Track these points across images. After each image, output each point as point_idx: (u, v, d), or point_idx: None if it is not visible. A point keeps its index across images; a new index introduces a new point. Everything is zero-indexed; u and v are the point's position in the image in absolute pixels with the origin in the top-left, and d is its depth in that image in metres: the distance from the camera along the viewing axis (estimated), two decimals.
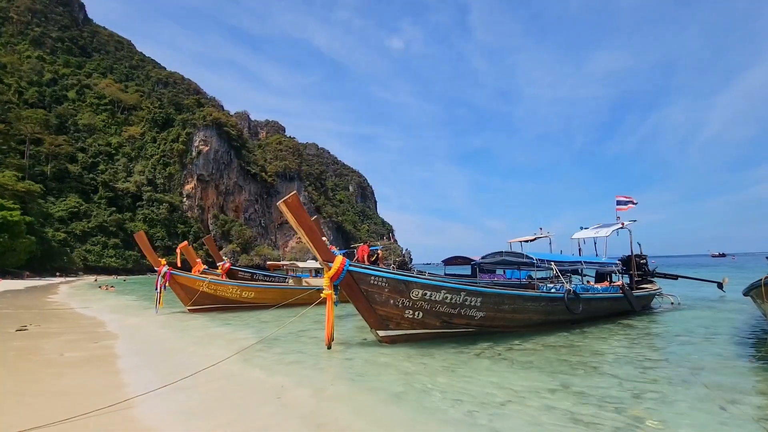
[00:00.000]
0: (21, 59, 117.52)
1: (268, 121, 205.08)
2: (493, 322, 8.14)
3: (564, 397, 4.73)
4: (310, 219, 6.67)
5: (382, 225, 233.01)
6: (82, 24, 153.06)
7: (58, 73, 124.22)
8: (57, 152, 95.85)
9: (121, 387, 5.10)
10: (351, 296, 7.11)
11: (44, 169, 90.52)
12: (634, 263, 14.20)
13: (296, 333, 10.12)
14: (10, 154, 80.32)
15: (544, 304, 8.92)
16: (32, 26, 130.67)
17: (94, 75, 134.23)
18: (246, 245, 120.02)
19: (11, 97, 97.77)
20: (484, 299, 7.73)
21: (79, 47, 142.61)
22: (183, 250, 16.39)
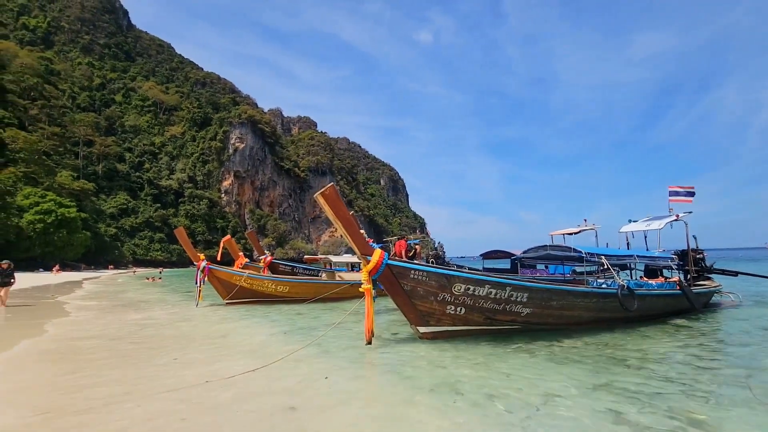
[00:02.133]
0: (73, 66, 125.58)
1: (301, 117, 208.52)
2: (540, 319, 7.67)
3: (608, 396, 4.47)
4: (348, 211, 6.45)
5: (414, 218, 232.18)
6: (126, 30, 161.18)
7: (106, 78, 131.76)
8: (107, 153, 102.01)
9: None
10: (390, 291, 6.87)
11: (96, 169, 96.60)
12: (690, 258, 13.08)
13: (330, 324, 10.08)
14: (66, 155, 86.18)
15: (596, 300, 8.31)
16: (82, 34, 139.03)
17: (138, 78, 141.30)
18: (281, 239, 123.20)
19: (65, 102, 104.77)
20: (531, 295, 7.27)
21: (124, 52, 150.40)
22: (226, 244, 16.79)
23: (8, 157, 59.93)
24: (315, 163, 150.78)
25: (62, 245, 55.74)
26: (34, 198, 54.39)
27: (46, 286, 25.46)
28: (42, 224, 52.46)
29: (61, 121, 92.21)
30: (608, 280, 9.76)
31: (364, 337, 6.70)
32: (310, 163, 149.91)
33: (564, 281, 13.28)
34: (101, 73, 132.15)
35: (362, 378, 5.38)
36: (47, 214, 53.46)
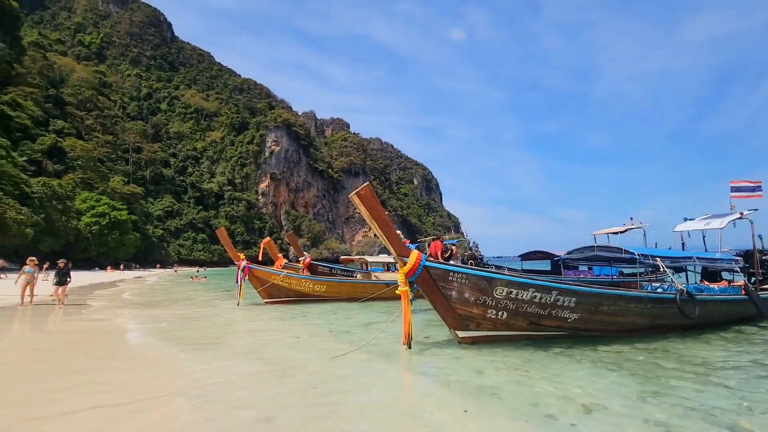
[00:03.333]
0: (123, 78, 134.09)
1: (334, 118, 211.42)
2: (588, 325, 7.17)
3: (657, 406, 4.19)
4: (384, 211, 6.28)
5: (448, 217, 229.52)
6: (170, 42, 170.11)
7: (152, 88, 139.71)
8: (153, 158, 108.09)
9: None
10: (427, 293, 6.65)
11: (144, 174, 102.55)
12: (757, 260, 11.89)
13: (365, 325, 10.04)
14: (118, 162, 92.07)
15: (651, 306, 7.68)
16: (131, 48, 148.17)
17: (181, 87, 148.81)
18: (315, 239, 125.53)
19: (117, 111, 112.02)
20: (579, 299, 6.80)
21: (168, 63, 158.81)
22: (266, 246, 17.19)
23: (68, 164, 64.80)
24: (348, 164, 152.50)
25: (115, 246, 59.55)
26: (90, 202, 58.47)
27: (101, 284, 27.19)
28: (97, 226, 56.28)
29: (113, 130, 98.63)
30: (664, 284, 9.02)
31: (402, 341, 6.53)
32: (343, 164, 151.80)
33: (612, 284, 12.50)
34: (148, 84, 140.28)
35: (399, 381, 5.28)
36: (102, 217, 57.31)
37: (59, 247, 48.28)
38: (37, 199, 45.06)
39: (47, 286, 14.91)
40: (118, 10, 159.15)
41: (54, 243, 46.95)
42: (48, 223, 45.23)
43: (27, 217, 40.13)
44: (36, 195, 45.24)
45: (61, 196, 50.62)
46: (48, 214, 45.64)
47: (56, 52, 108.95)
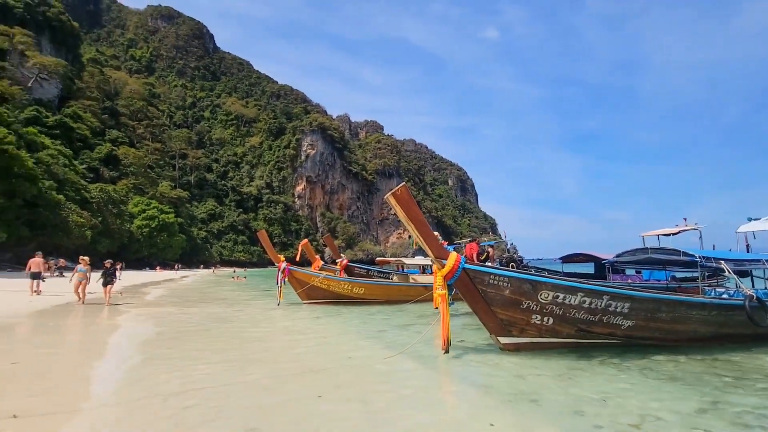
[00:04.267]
0: (170, 88, 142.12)
1: (367, 121, 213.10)
2: (644, 332, 6.63)
3: (716, 419, 3.94)
4: (420, 212, 6.11)
5: (484, 219, 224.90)
6: (212, 52, 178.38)
7: (196, 97, 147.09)
8: (197, 164, 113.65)
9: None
10: (467, 297, 6.39)
11: (189, 179, 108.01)
12: None
13: (401, 327, 9.91)
14: (165, 167, 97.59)
15: (716, 313, 6.99)
16: (177, 60, 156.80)
17: (222, 95, 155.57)
18: (350, 241, 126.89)
19: (164, 120, 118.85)
20: (634, 305, 6.29)
21: (211, 72, 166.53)
22: (304, 247, 17.45)
23: (121, 171, 69.43)
24: (382, 165, 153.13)
25: (163, 247, 63.01)
26: (141, 206, 62.28)
27: (152, 282, 28.79)
28: (148, 228, 59.81)
29: (162, 138, 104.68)
30: (729, 290, 8.21)
31: (440, 345, 6.32)
32: (377, 166, 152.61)
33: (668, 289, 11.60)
34: (192, 93, 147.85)
35: (437, 386, 5.16)
36: (152, 220, 60.86)
37: (114, 248, 51.71)
38: (95, 204, 48.49)
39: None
40: (165, 25, 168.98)
41: (110, 244, 50.32)
42: (105, 226, 48.55)
43: (87, 220, 43.28)
44: (94, 200, 48.72)
45: (116, 200, 54.24)
46: (105, 218, 49.01)
47: (111, 67, 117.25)
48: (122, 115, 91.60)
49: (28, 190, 34.62)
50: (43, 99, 65.93)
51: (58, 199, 39.68)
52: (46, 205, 37.33)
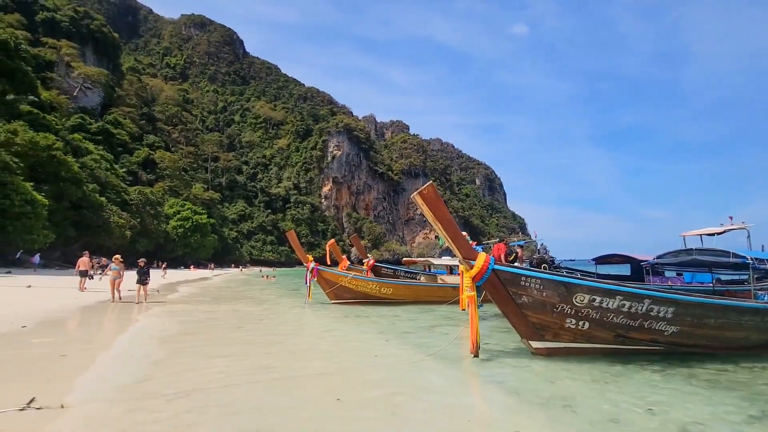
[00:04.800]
0: (202, 94, 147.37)
1: (393, 121, 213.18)
2: (690, 339, 6.20)
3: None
4: (448, 212, 5.94)
5: (513, 218, 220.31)
6: (242, 58, 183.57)
7: (227, 102, 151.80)
8: (228, 166, 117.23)
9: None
10: (497, 299, 6.18)
11: (221, 181, 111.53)
12: None
13: (428, 328, 9.77)
14: (198, 170, 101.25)
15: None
16: (208, 66, 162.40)
17: (252, 99, 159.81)
18: (376, 241, 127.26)
19: (197, 125, 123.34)
20: (678, 310, 5.89)
21: (240, 77, 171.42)
22: (331, 248, 17.56)
23: (158, 173, 72.57)
24: (408, 165, 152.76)
25: (197, 247, 65.34)
26: (176, 207, 64.85)
27: (185, 281, 29.86)
28: (182, 229, 62.19)
29: (195, 142, 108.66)
30: None
31: (469, 349, 6.15)
32: (403, 166, 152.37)
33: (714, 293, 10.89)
34: (223, 98, 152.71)
35: (465, 389, 5.03)
36: (186, 221, 63.23)
37: (152, 248, 54.09)
38: (134, 206, 50.89)
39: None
40: (197, 33, 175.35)
41: (148, 244, 52.67)
42: (143, 227, 50.86)
43: (126, 221, 45.47)
44: (133, 202, 51.14)
45: (153, 202, 56.73)
46: (143, 219, 51.34)
47: (148, 75, 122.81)
48: (158, 120, 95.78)
49: (74, 193, 36.74)
50: (87, 107, 69.88)
51: (101, 201, 41.88)
52: (90, 207, 39.48)
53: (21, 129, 33.75)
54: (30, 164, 32.55)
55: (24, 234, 28.32)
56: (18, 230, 27.70)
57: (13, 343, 6.55)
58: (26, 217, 28.15)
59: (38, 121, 39.14)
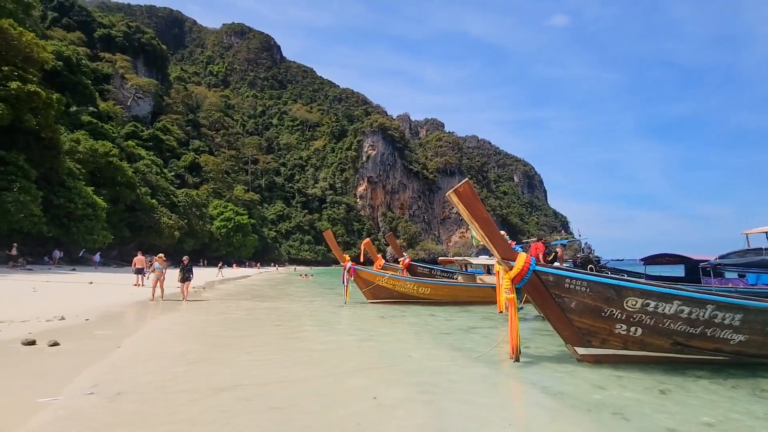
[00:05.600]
0: (243, 99, 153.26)
1: (428, 119, 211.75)
2: (759, 350, 5.58)
3: None
4: (485, 210, 5.69)
5: (554, 216, 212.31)
6: (279, 62, 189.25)
7: (265, 106, 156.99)
8: (267, 168, 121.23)
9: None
10: (538, 302, 5.87)
11: (260, 182, 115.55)
12: None
13: (466, 329, 9.52)
14: (240, 173, 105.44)
15: None
16: (248, 72, 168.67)
17: (289, 102, 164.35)
18: (411, 240, 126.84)
19: (238, 129, 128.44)
20: (748, 317, 5.32)
21: (278, 81, 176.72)
22: (366, 246, 17.47)
23: (203, 176, 76.29)
24: (443, 163, 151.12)
25: (239, 246, 68.05)
26: (219, 208, 67.88)
27: (227, 279, 31.15)
28: (225, 229, 65.00)
29: (236, 145, 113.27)
30: None
31: (509, 353, 5.88)
32: (438, 164, 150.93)
33: None
34: (262, 102, 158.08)
35: (506, 392, 4.85)
36: (228, 221, 66.03)
37: (198, 247, 56.95)
38: (182, 207, 53.77)
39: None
40: (238, 40, 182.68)
41: (194, 243, 55.48)
42: (189, 227, 53.62)
43: (175, 222, 48.13)
44: (181, 204, 54.04)
45: (199, 204, 59.68)
46: (189, 220, 54.12)
47: (193, 83, 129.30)
48: (203, 126, 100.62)
49: (128, 196, 39.35)
50: (138, 115, 74.74)
51: (152, 204, 44.58)
52: (143, 209, 42.12)
53: (83, 138, 36.60)
54: (90, 170, 35.21)
55: (86, 234, 30.65)
56: (81, 231, 30.01)
57: (80, 335, 7.04)
58: (88, 219, 30.45)
59: (97, 130, 42.30)
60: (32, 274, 19.76)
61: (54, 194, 28.11)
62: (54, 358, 5.39)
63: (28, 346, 5.84)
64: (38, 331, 6.82)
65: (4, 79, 24.20)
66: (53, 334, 6.56)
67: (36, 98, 25.29)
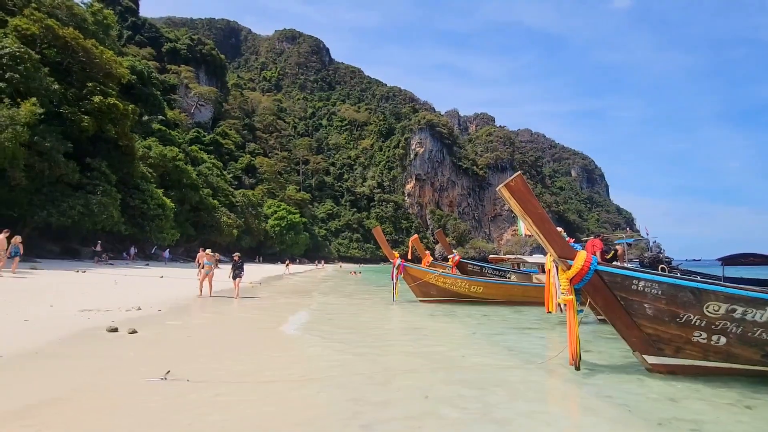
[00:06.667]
0: (294, 102, 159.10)
1: (477, 114, 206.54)
2: None
3: None
4: (539, 205, 5.34)
5: (617, 212, 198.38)
6: (327, 65, 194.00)
7: (315, 107, 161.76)
8: (317, 168, 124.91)
9: None
10: (601, 305, 5.45)
11: (311, 182, 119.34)
12: None
13: (521, 330, 9.15)
14: (291, 173, 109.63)
15: None
16: (299, 76, 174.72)
17: (337, 103, 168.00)
18: (461, 238, 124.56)
19: (290, 131, 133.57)
20: None
21: (327, 83, 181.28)
22: (414, 243, 17.24)
23: (258, 178, 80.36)
24: (494, 159, 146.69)
25: (291, 244, 70.84)
26: (273, 208, 71.10)
27: (279, 276, 32.55)
28: (279, 228, 67.95)
29: (288, 147, 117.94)
30: None
31: (568, 360, 5.53)
32: (488, 160, 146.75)
33: None
34: (312, 104, 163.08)
35: (566, 399, 4.55)
36: (281, 220, 68.97)
37: (254, 244, 60.06)
38: (239, 207, 56.95)
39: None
40: (289, 46, 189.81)
41: (251, 241, 58.58)
42: (246, 226, 56.68)
43: (233, 221, 51.12)
44: (239, 204, 57.26)
45: (255, 203, 62.88)
46: (246, 219, 57.20)
47: (249, 89, 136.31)
48: (257, 129, 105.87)
49: (193, 197, 42.39)
50: (201, 122, 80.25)
51: (214, 204, 47.67)
52: (205, 209, 45.19)
53: (153, 144, 40.00)
54: (160, 173, 38.38)
55: (157, 233, 33.48)
56: (153, 229, 32.84)
57: (154, 324, 7.70)
58: (159, 218, 33.24)
59: (165, 137, 46.04)
60: (113, 268, 21.94)
61: (130, 196, 30.99)
62: (133, 344, 5.92)
63: (112, 332, 6.47)
64: (119, 320, 7.52)
65: (89, 94, 27.04)
66: (132, 323, 7.21)
67: (115, 110, 27.99)
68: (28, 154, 21.13)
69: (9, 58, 21.27)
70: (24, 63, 21.81)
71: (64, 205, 23.65)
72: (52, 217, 23.28)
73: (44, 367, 4.58)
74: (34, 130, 21.08)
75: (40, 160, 22.02)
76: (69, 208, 23.72)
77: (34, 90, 22.04)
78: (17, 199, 21.99)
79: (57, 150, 22.79)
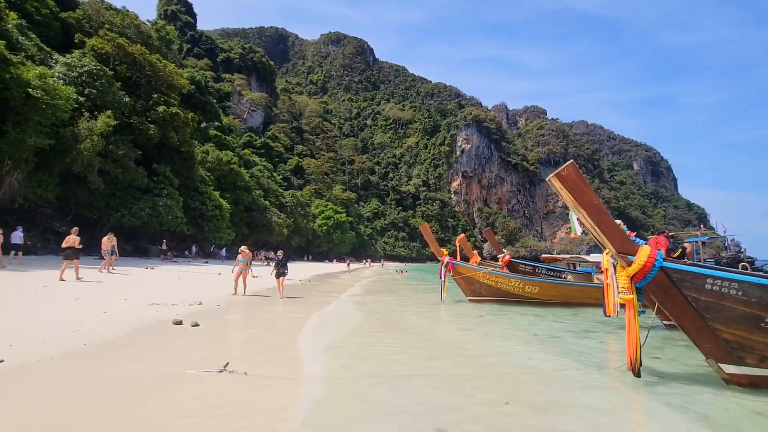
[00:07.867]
0: (339, 104, 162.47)
1: (527, 107, 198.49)
2: None
3: None
4: (595, 195, 4.90)
5: (687, 208, 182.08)
6: (372, 65, 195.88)
7: (360, 108, 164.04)
8: (362, 168, 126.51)
9: None
10: (668, 306, 4.95)
11: (356, 182, 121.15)
12: None
13: (580, 333, 8.63)
14: (337, 173, 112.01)
15: None
16: (344, 77, 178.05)
17: (382, 102, 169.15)
18: (510, 236, 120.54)
19: (336, 132, 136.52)
20: None
21: (371, 83, 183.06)
22: (461, 242, 16.77)
23: (306, 178, 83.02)
24: (545, 153, 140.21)
25: (338, 242, 72.46)
26: (320, 207, 73.11)
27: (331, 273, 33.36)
28: (326, 227, 69.76)
29: (334, 148, 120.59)
30: None
31: (626, 366, 5.11)
32: (539, 154, 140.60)
33: None
34: (357, 105, 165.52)
35: (637, 411, 4.23)
36: (328, 219, 70.75)
37: (303, 243, 62.14)
38: (289, 207, 59.20)
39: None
40: (334, 48, 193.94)
41: (300, 240, 60.69)
42: (295, 225, 58.80)
43: (283, 220, 53.24)
44: (288, 204, 59.53)
45: (303, 204, 65.05)
46: (295, 218, 59.33)
47: (296, 93, 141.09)
48: (305, 131, 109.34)
49: (246, 199, 44.71)
50: (252, 126, 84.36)
51: (265, 205, 49.95)
52: (258, 210, 47.47)
53: (210, 149, 42.70)
54: (217, 176, 40.89)
55: (215, 232, 35.72)
56: (211, 229, 35.09)
57: (214, 318, 8.20)
58: (216, 219, 35.45)
59: (221, 142, 48.96)
60: (177, 266, 23.71)
61: (191, 198, 33.30)
62: (195, 336, 6.34)
63: (177, 325, 6.97)
64: (184, 313, 8.09)
65: (154, 104, 29.43)
66: (194, 317, 7.73)
67: (177, 119, 30.24)
68: (104, 162, 23.43)
69: (88, 75, 23.66)
70: (100, 79, 24.17)
71: (135, 207, 25.95)
72: (125, 219, 25.62)
73: (119, 355, 5.03)
74: (108, 139, 23.35)
75: (114, 167, 24.33)
76: (139, 210, 26.00)
77: (108, 103, 24.37)
78: (96, 203, 24.47)
79: (129, 157, 25.07)
